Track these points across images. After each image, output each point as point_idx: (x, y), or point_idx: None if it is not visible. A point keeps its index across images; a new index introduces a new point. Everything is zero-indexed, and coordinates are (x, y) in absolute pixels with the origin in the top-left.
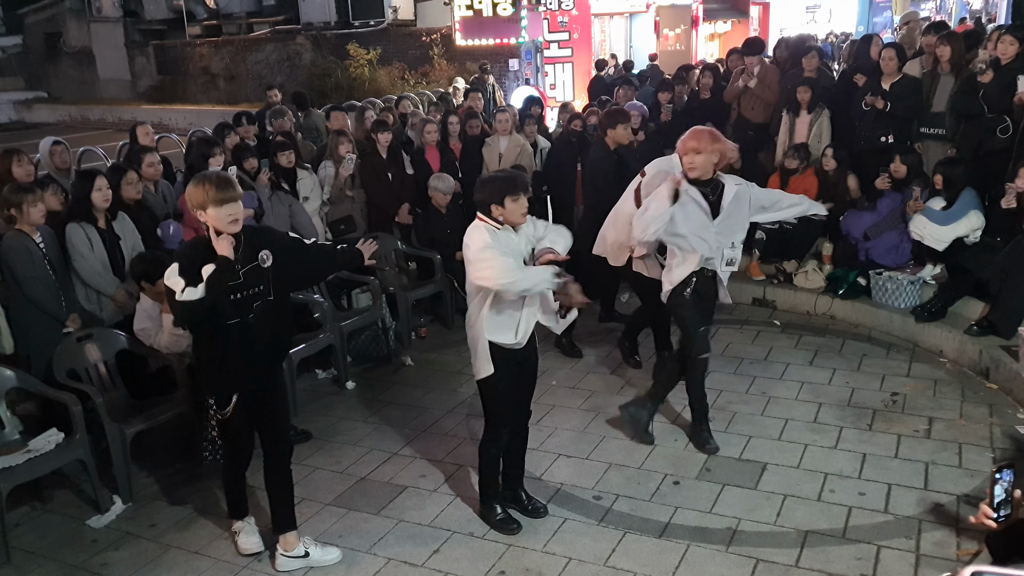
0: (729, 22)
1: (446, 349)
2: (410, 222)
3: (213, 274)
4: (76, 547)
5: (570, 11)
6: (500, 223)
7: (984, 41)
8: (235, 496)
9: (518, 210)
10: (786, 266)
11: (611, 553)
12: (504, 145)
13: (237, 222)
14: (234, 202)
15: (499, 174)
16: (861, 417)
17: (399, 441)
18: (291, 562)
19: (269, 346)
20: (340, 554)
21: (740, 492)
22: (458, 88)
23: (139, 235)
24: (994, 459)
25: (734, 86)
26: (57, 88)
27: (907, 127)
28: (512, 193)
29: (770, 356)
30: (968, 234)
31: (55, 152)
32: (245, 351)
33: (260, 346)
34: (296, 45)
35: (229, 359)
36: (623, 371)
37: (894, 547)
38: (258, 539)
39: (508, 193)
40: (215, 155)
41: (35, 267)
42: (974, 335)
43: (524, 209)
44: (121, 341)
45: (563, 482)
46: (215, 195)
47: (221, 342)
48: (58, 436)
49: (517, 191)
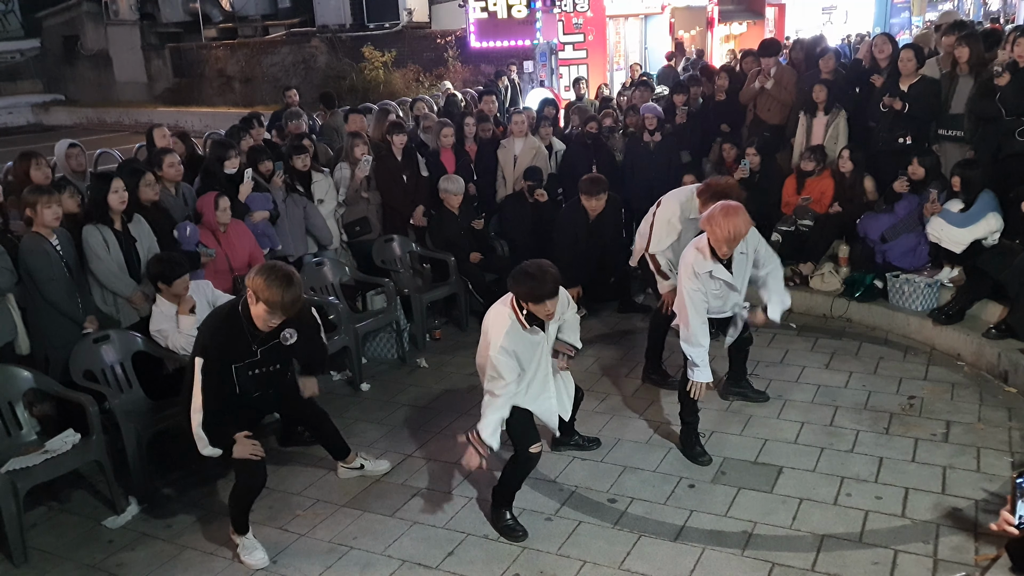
0: (744, 23)
1: (460, 351)
2: (425, 224)
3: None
4: (92, 547)
5: (585, 13)
6: (530, 319)
7: (1003, 42)
8: (242, 517)
9: (543, 311)
10: (802, 268)
11: (626, 556)
12: (519, 147)
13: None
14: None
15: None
16: (878, 420)
17: (413, 443)
18: (347, 472)
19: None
20: (389, 465)
21: (756, 495)
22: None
23: (155, 237)
24: (1013, 464)
25: (750, 88)
26: (74, 91)
27: (925, 128)
28: (537, 300)
29: (786, 359)
30: (986, 237)
31: (71, 155)
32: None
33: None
34: (311, 47)
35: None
36: (637, 373)
37: (911, 552)
38: (263, 554)
39: (534, 300)
40: (231, 157)
41: (52, 269)
42: (992, 338)
43: (551, 311)
44: (137, 343)
45: (578, 484)
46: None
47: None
48: (75, 437)
49: (543, 298)
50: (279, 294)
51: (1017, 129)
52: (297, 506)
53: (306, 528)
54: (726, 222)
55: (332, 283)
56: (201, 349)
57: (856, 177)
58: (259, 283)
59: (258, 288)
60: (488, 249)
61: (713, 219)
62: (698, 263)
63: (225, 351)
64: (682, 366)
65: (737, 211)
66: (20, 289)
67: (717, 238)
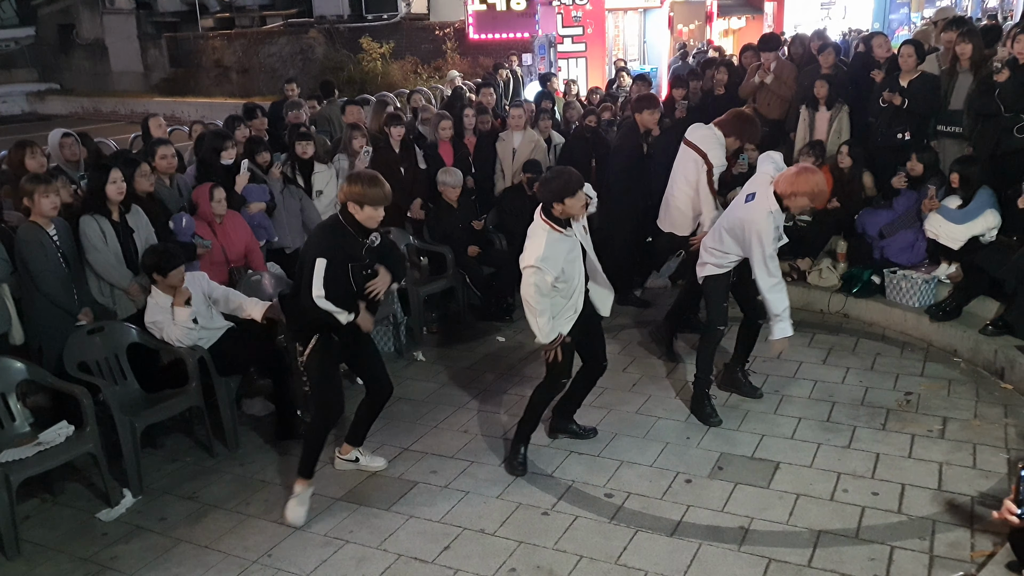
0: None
1: (457, 344)
2: (422, 217)
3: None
4: (86, 540)
5: (584, 6)
6: (562, 223)
7: (1003, 39)
8: (313, 455)
9: (576, 205)
10: (800, 264)
11: (622, 551)
12: (518, 140)
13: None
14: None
15: (556, 172)
16: (875, 416)
17: (410, 436)
18: (342, 463)
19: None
20: (385, 463)
21: (752, 491)
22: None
23: (152, 228)
24: (1009, 460)
25: (750, 82)
26: (70, 80)
27: (924, 124)
28: (572, 193)
29: (783, 354)
30: (984, 233)
31: (65, 144)
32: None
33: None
34: (309, 38)
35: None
36: (635, 368)
37: (907, 548)
38: (303, 513)
39: (569, 194)
40: (227, 148)
41: (48, 260)
42: (989, 335)
43: (582, 202)
44: (132, 334)
45: (574, 479)
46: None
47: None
48: (68, 429)
49: (575, 189)
50: (379, 189)
51: (1016, 126)
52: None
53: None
54: (812, 176)
55: None
56: (323, 251)
57: (855, 173)
58: (356, 190)
59: (357, 194)
60: (486, 243)
61: (797, 177)
62: (775, 209)
63: (343, 250)
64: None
65: (814, 170)
66: (15, 279)
67: (801, 191)
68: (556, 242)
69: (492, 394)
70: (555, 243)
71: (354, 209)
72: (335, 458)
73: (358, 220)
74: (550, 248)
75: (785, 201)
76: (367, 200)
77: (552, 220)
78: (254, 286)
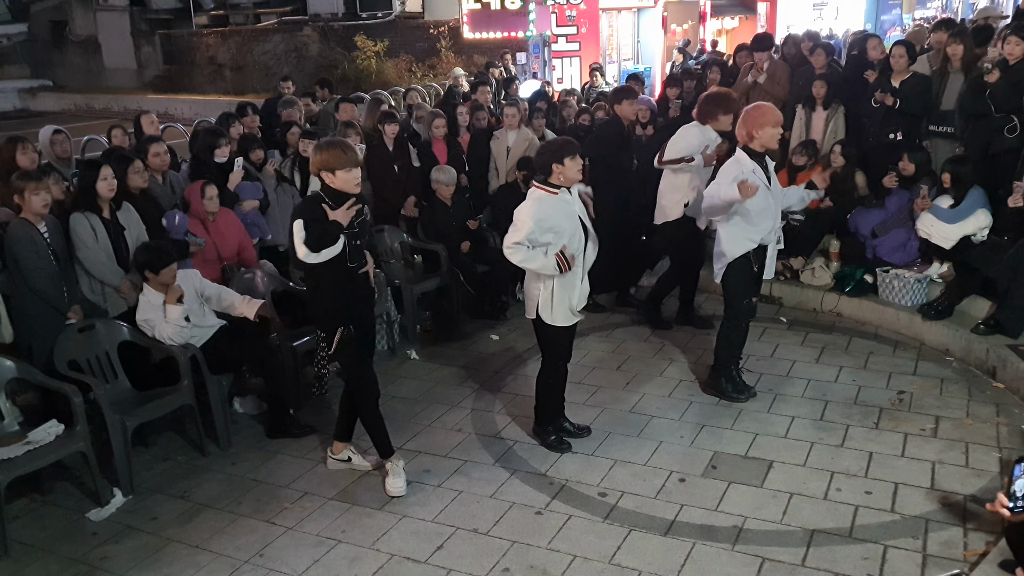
0: (737, 18)
1: (451, 343)
2: (416, 215)
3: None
4: (76, 540)
5: (578, 5)
6: (557, 186)
7: (993, 39)
8: (380, 432)
9: (575, 168)
10: (793, 263)
11: (616, 550)
12: (512, 139)
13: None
14: (358, 167)
15: (555, 140)
16: (868, 415)
17: (403, 435)
18: (335, 463)
19: (368, 290)
20: (371, 466)
21: (746, 490)
22: (458, 77)
23: (144, 225)
24: (1001, 459)
25: (743, 82)
26: (62, 76)
27: (916, 124)
28: (572, 155)
29: (776, 353)
30: (976, 232)
31: (56, 141)
32: (355, 292)
33: (364, 290)
34: (303, 36)
35: (347, 298)
36: (629, 366)
37: (901, 547)
38: (404, 483)
39: (569, 155)
40: (221, 145)
41: (39, 258)
42: (981, 334)
43: (579, 166)
44: (124, 332)
45: (568, 478)
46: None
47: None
48: (58, 427)
49: (575, 151)
50: (343, 151)
51: (1006, 126)
52: (285, 499)
53: (294, 521)
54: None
55: None
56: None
57: (848, 172)
58: (323, 157)
59: (327, 161)
60: (480, 240)
61: (754, 115)
62: (742, 165)
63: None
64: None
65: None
66: (5, 276)
67: (763, 123)
68: (548, 205)
69: (486, 393)
70: (547, 206)
71: (329, 178)
72: (327, 458)
73: (336, 188)
74: (541, 211)
75: (754, 144)
76: (337, 164)
77: (546, 185)
78: (247, 284)
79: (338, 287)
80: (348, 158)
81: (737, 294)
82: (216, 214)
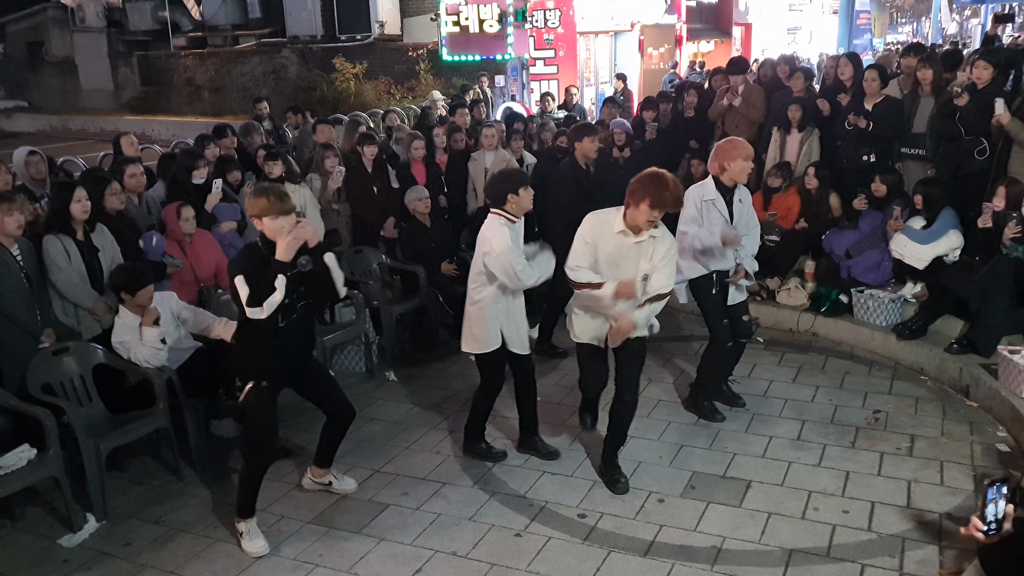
0: (712, 42)
1: (430, 364)
2: (395, 236)
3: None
4: (47, 567)
5: (556, 29)
6: (513, 215)
7: (963, 64)
8: (250, 494)
9: (528, 196)
10: (769, 283)
11: (596, 572)
12: (490, 160)
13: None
14: (291, 214)
15: (506, 170)
16: (844, 434)
17: (381, 458)
18: (314, 484)
19: (301, 345)
20: (356, 485)
21: (724, 510)
22: (436, 100)
23: (119, 247)
24: (975, 477)
25: (719, 105)
26: (38, 97)
27: (889, 147)
28: (524, 184)
29: (754, 373)
30: (948, 253)
31: (30, 163)
32: (280, 350)
33: (295, 346)
34: (282, 58)
35: (267, 354)
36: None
37: (878, 565)
38: (263, 541)
39: (520, 184)
40: (199, 167)
41: (11, 280)
42: (954, 353)
43: (531, 195)
44: (98, 355)
45: (547, 500)
46: (278, 207)
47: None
48: (30, 452)
49: (527, 182)
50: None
51: (976, 148)
52: (262, 523)
53: (271, 545)
54: (739, 145)
55: None
56: (240, 270)
57: (822, 194)
58: (252, 203)
59: (252, 207)
60: (460, 261)
61: (726, 149)
62: (706, 191)
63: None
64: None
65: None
66: None
67: (734, 157)
68: (514, 232)
69: (464, 414)
70: (514, 232)
71: (258, 225)
72: (305, 478)
73: (267, 236)
74: (512, 237)
75: (724, 177)
76: (262, 212)
77: (506, 213)
78: (224, 306)
79: (263, 342)
80: (273, 206)
81: (711, 315)
82: (193, 235)
